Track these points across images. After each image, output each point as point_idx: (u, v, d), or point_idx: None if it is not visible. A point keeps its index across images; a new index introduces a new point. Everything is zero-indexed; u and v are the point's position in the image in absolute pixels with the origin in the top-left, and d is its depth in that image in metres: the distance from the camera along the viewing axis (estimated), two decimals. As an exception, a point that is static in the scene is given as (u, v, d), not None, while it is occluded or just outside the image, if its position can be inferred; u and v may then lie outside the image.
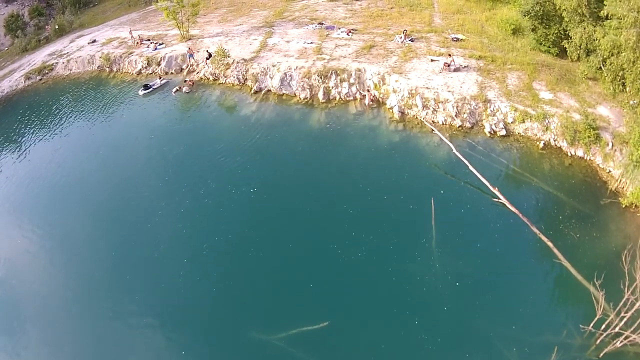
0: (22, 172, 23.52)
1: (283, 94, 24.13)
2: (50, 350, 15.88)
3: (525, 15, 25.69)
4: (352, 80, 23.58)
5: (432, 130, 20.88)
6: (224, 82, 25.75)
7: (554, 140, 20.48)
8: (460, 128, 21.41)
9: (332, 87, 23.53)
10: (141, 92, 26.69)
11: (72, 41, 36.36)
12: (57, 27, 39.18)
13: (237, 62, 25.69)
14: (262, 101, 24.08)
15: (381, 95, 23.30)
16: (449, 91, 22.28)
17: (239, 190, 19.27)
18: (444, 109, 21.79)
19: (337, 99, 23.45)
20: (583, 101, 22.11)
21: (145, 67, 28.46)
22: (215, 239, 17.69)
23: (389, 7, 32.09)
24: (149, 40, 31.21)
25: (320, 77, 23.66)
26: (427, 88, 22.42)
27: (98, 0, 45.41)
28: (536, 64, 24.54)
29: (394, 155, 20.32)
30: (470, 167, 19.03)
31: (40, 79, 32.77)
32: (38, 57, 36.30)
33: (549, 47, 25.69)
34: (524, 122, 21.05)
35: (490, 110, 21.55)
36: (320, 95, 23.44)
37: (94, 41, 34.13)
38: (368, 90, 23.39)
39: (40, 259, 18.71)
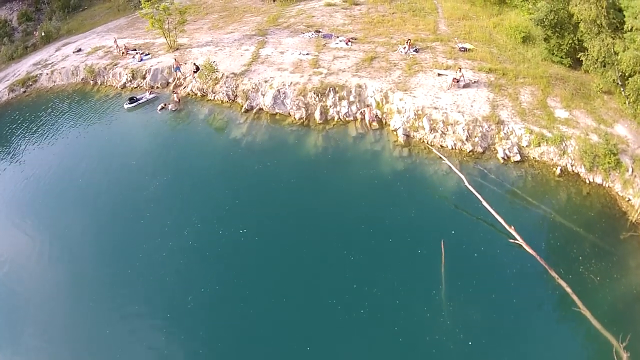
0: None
1: (276, 113, 20.85)
2: None
3: (538, 24, 22.46)
4: (352, 98, 20.34)
5: (442, 158, 17.83)
6: (212, 98, 22.40)
7: (572, 166, 17.68)
8: (471, 153, 18.40)
9: (330, 106, 20.26)
10: (126, 106, 23.46)
11: (58, 49, 32.86)
12: (43, 34, 36.14)
13: (227, 77, 22.34)
14: (253, 121, 20.84)
15: (384, 115, 20.06)
16: (459, 111, 19.19)
17: (227, 230, 16.30)
18: (453, 132, 18.75)
19: (336, 119, 20.24)
20: (600, 119, 19.23)
21: (130, 81, 25.11)
22: (202, 290, 14.77)
23: (391, 13, 28.50)
24: (134, 50, 27.70)
25: (317, 95, 20.38)
26: (435, 108, 19.29)
27: (87, 4, 42.32)
28: (549, 77, 21.37)
29: (399, 188, 17.27)
30: (484, 203, 16.05)
31: (24, 91, 29.34)
32: (23, 67, 32.86)
33: (561, 57, 22.47)
34: (539, 145, 18.19)
35: (504, 133, 18.56)
36: (317, 115, 20.23)
37: (79, 50, 30.68)
38: (368, 106, 20.27)
39: None
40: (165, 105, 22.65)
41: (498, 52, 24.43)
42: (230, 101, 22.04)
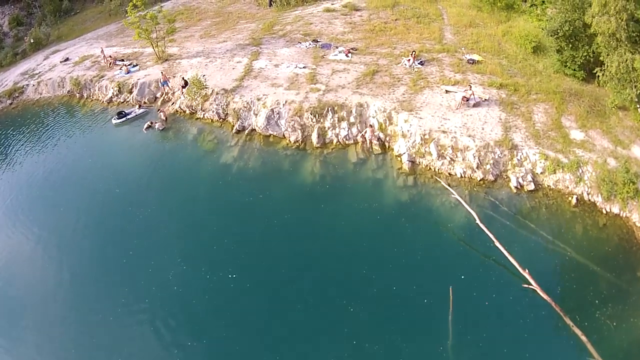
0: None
1: (270, 135, 18.38)
2: None
3: (551, 35, 19.75)
4: (352, 119, 17.84)
5: (451, 193, 15.27)
6: (202, 116, 19.84)
7: (588, 194, 15.45)
8: (481, 182, 16.02)
9: (329, 128, 17.79)
10: (114, 121, 20.94)
11: (46, 58, 30.02)
12: (32, 41, 33.58)
13: (217, 94, 19.69)
14: (245, 143, 18.37)
15: (387, 138, 17.60)
16: (469, 135, 16.71)
17: (214, 274, 13.93)
18: (463, 159, 16.32)
19: (335, 142, 17.77)
20: (617, 141, 16.90)
21: (117, 95, 22.49)
22: (188, 343, 12.56)
23: (393, 19, 25.58)
24: (122, 60, 25.00)
25: (314, 116, 17.86)
26: (444, 132, 16.79)
27: (80, 7, 39.60)
28: (563, 93, 18.85)
29: (403, 225, 14.84)
30: (497, 243, 13.79)
31: (11, 104, 26.55)
32: (10, 77, 30.06)
33: (574, 69, 19.88)
34: (555, 172, 15.84)
35: (517, 160, 16.15)
36: (314, 138, 17.75)
37: (67, 59, 27.83)
38: (370, 127, 17.68)
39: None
40: (151, 124, 20.08)
41: (508, 64, 21.68)
42: (221, 120, 19.50)
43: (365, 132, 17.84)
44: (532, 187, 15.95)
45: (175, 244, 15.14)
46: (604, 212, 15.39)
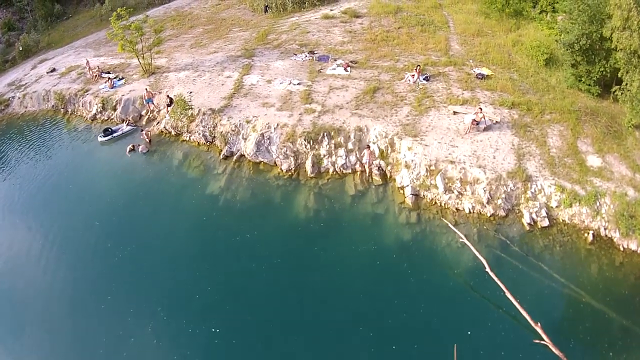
0: None
1: (260, 162, 15.99)
2: None
3: (567, 49, 17.37)
4: (350, 146, 15.43)
5: (460, 237, 12.95)
6: (188, 139, 17.49)
7: (605, 229, 13.40)
8: (491, 218, 13.80)
9: (324, 156, 15.39)
10: (100, 139, 18.72)
11: (34, 67, 27.40)
12: (21, 48, 31.26)
13: (204, 114, 17.30)
14: (234, 170, 15.99)
15: (389, 168, 15.19)
16: (480, 166, 14.28)
17: (197, 328, 11.78)
18: (472, 193, 13.99)
19: (331, 171, 15.36)
20: (635, 166, 14.74)
21: (101, 112, 20.09)
22: None
23: (396, 27, 22.78)
24: (108, 72, 22.44)
25: (308, 142, 15.46)
26: (451, 162, 14.38)
27: (72, 11, 37.00)
28: (578, 112, 16.55)
29: (405, 272, 12.60)
30: (507, 294, 11.74)
31: None
32: (-2, 86, 29.17)
33: (590, 84, 17.57)
34: (571, 206, 13.70)
35: (531, 193, 13.90)
36: (309, 167, 15.36)
37: (53, 70, 25.12)
38: (368, 147, 15.23)
39: None
40: (134, 147, 17.75)
41: (519, 79, 19.01)
42: (208, 143, 17.12)
43: (363, 154, 15.37)
44: (546, 223, 13.74)
45: (156, 290, 12.97)
46: (621, 248, 13.37)
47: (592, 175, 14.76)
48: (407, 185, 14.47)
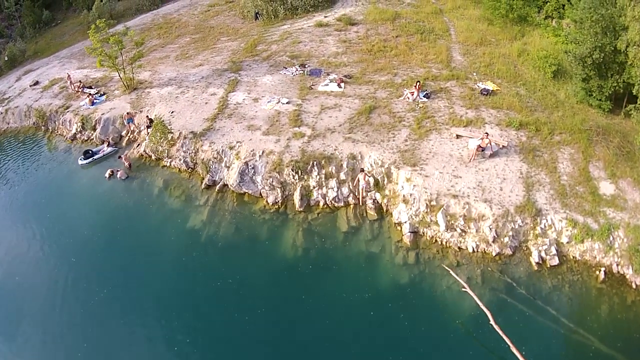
0: None
1: (244, 193, 14.02)
2: None
3: (580, 64, 15.32)
4: (342, 176, 13.43)
5: (463, 286, 11.06)
6: (168, 164, 15.52)
7: (617, 265, 11.76)
8: (497, 257, 12.00)
9: (314, 187, 13.40)
10: (80, 162, 16.77)
11: (18, 79, 24.86)
12: (7, 58, 28.93)
13: (185, 138, 15.26)
14: (217, 201, 14.04)
15: (385, 201, 13.23)
16: (485, 200, 12.34)
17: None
18: (476, 231, 12.14)
19: (321, 204, 13.41)
20: None
21: (80, 131, 18.14)
22: None
23: (394, 36, 20.45)
24: (90, 87, 20.20)
25: (297, 172, 13.44)
26: (454, 196, 12.40)
27: (61, 17, 34.25)
28: (589, 131, 14.59)
29: (402, 323, 10.81)
30: (513, 348, 9.96)
31: None
32: (-18, 100, 27.06)
33: (601, 100, 15.63)
34: (583, 242, 11.97)
35: (541, 229, 12.11)
36: (297, 200, 13.37)
37: (37, 83, 22.83)
38: (362, 171, 13.27)
39: None
40: (113, 172, 15.80)
41: (527, 94, 16.83)
42: (190, 170, 15.14)
43: (357, 179, 13.35)
44: (556, 261, 11.99)
45: (132, 342, 11.17)
46: (634, 286, 11.75)
47: (605, 205, 12.98)
48: (405, 222, 12.52)
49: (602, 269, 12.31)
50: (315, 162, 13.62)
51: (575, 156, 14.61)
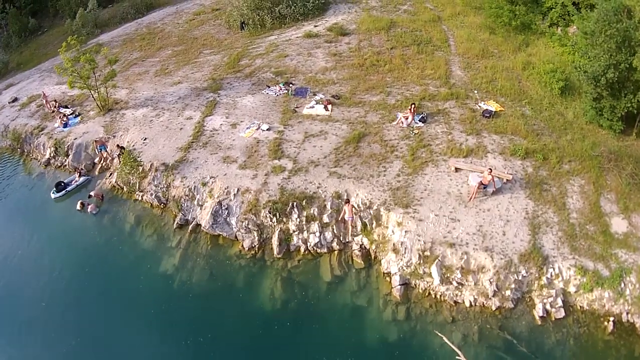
0: None
1: (218, 235, 12.28)
2: None
3: (592, 83, 13.22)
4: (325, 219, 11.60)
5: (457, 357, 9.24)
6: (140, 198, 13.73)
7: (627, 314, 10.03)
8: (497, 311, 10.21)
9: (294, 232, 11.63)
10: (53, 195, 14.93)
11: None
12: (-12, 71, 27.93)
13: (156, 170, 13.44)
14: (189, 243, 12.24)
15: (373, 247, 11.41)
16: (486, 248, 10.46)
17: None
18: (475, 283, 10.35)
19: (302, 250, 11.63)
20: None
21: (54, 157, 16.36)
22: None
23: (388, 47, 18.23)
24: (66, 106, 18.31)
25: (274, 215, 11.65)
26: (451, 245, 10.53)
27: (48, 25, 32.27)
28: (600, 157, 12.71)
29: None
30: None
31: None
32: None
33: (612, 120, 13.69)
34: (592, 291, 10.25)
35: (547, 279, 10.29)
36: (275, 245, 11.60)
37: (15, 100, 20.75)
38: (347, 203, 11.43)
39: None
40: (83, 204, 14.08)
41: (532, 114, 14.72)
42: (162, 206, 13.37)
43: (344, 212, 11.51)
44: (561, 314, 10.32)
45: None
46: None
47: (617, 245, 11.22)
48: (396, 274, 10.72)
49: (611, 318, 10.64)
50: (295, 203, 11.78)
51: (586, 188, 12.64)
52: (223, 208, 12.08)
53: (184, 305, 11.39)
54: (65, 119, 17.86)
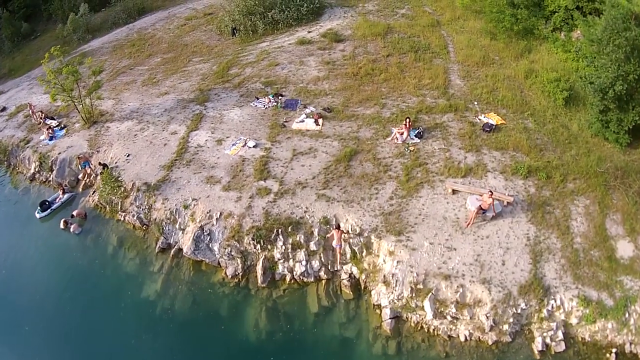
0: None
1: (201, 261, 11.50)
2: None
3: (598, 95, 12.25)
4: (312, 246, 10.76)
5: None
6: (122, 219, 12.96)
7: (631, 344, 9.19)
8: (494, 345, 9.38)
9: (279, 260, 10.82)
10: (38, 215, 14.12)
11: None
12: (-22, 79, 27.23)
13: (138, 190, 12.69)
14: (172, 269, 11.48)
15: (363, 277, 10.55)
16: (484, 281, 9.59)
17: None
18: (471, 317, 9.47)
19: (288, 279, 10.83)
20: None
21: (38, 171, 15.63)
22: None
23: (384, 55, 17.19)
24: (53, 118, 17.54)
25: (258, 242, 10.81)
26: (446, 277, 9.66)
27: (42, 29, 31.32)
28: (606, 174, 11.73)
29: None
30: None
31: None
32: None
33: (618, 133, 12.68)
34: (595, 322, 9.39)
35: (547, 311, 9.43)
36: (259, 273, 10.79)
37: (4, 109, 19.99)
38: (337, 228, 10.54)
39: None
40: (67, 223, 13.34)
41: (535, 128, 13.70)
42: (144, 227, 12.61)
43: (332, 237, 10.69)
44: (562, 347, 9.48)
45: None
46: None
47: (622, 272, 10.33)
48: (387, 307, 9.88)
49: (614, 350, 9.78)
50: (280, 230, 10.90)
51: (591, 209, 11.65)
52: (205, 233, 11.31)
53: (165, 334, 10.69)
54: (51, 131, 17.02)
